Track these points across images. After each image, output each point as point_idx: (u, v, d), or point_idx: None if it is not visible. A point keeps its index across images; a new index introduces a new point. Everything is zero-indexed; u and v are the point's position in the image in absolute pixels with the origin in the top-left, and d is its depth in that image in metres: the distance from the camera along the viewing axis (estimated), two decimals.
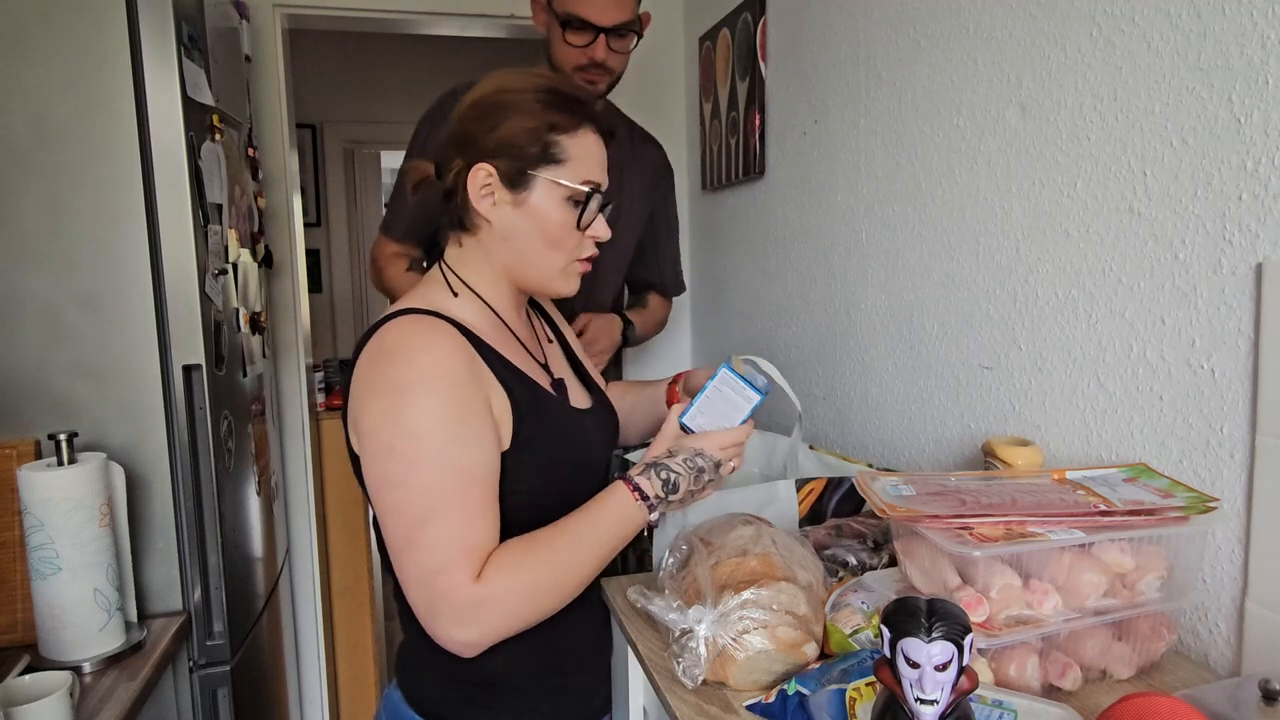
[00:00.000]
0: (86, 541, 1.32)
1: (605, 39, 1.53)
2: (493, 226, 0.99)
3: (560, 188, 0.97)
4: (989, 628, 0.81)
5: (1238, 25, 0.90)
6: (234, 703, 1.63)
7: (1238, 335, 0.92)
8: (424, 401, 0.89)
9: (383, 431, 0.90)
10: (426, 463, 0.88)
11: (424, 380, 0.90)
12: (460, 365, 0.93)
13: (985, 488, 0.93)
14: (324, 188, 4.24)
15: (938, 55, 1.38)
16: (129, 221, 1.49)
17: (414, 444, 0.89)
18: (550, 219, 0.98)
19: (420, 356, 0.91)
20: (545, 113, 0.97)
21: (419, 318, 0.95)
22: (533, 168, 0.97)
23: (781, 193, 1.95)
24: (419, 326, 0.94)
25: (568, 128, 0.97)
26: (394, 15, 2.46)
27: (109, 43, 1.46)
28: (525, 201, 0.98)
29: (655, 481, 0.96)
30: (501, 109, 0.97)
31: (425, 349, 0.92)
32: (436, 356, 0.92)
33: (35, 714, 1.09)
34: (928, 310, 1.44)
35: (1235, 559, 0.93)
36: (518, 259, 1.01)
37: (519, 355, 1.03)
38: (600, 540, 0.95)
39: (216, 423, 1.60)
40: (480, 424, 0.92)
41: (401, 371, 0.91)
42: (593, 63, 1.55)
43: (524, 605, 0.91)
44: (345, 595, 2.89)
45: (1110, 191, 1.07)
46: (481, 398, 0.94)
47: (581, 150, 0.98)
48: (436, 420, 0.89)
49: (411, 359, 0.91)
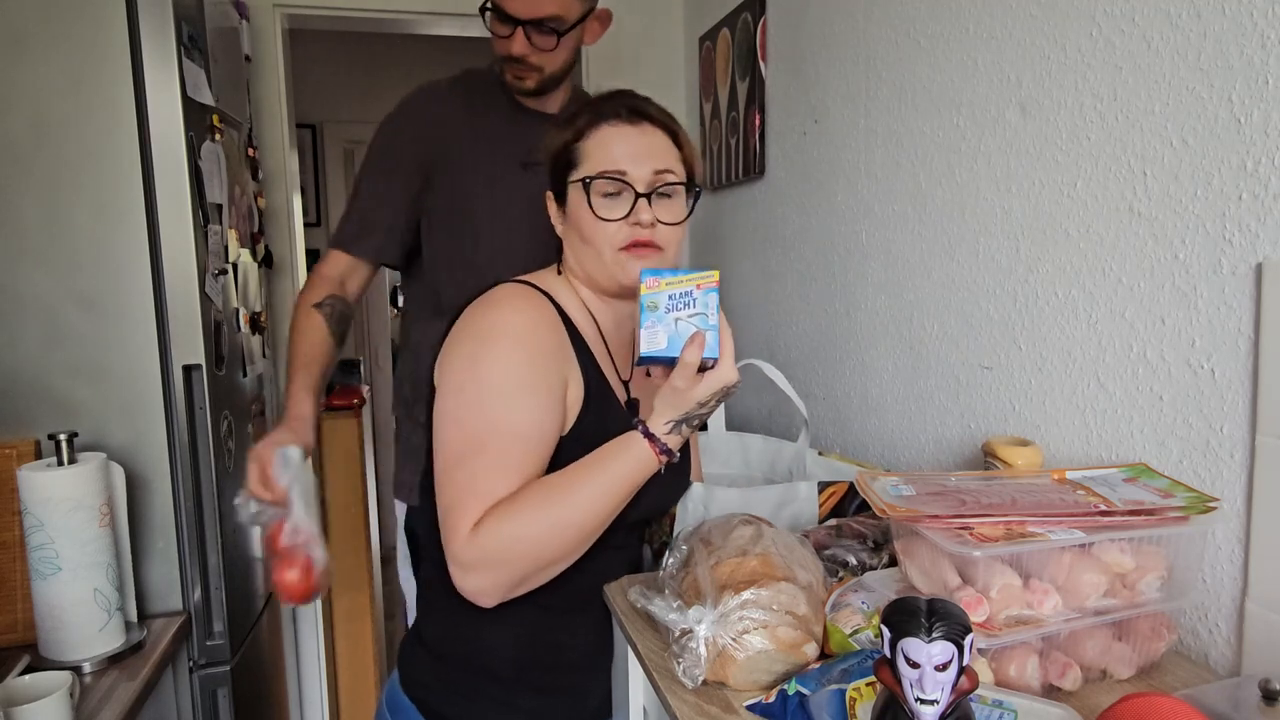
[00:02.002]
0: (86, 541, 1.32)
1: (523, 32, 1.41)
2: (564, 243, 1.08)
3: (580, 186, 1.02)
4: (989, 628, 0.81)
5: (1238, 25, 0.90)
6: (234, 703, 1.63)
7: (1238, 335, 0.92)
8: (503, 354, 0.95)
9: (459, 372, 0.97)
10: (485, 408, 0.93)
11: (510, 336, 0.97)
12: (546, 335, 0.98)
13: (985, 488, 0.93)
14: (324, 188, 4.24)
15: (938, 55, 1.38)
16: (129, 221, 1.49)
17: (480, 389, 0.94)
18: (580, 217, 1.03)
19: (513, 316, 0.99)
20: (566, 127, 1.04)
21: (523, 287, 1.03)
22: (563, 179, 1.04)
23: (781, 193, 1.95)
24: (520, 291, 1.02)
25: (581, 132, 1.03)
26: (394, 15, 2.46)
27: (109, 43, 1.46)
28: (568, 213, 1.05)
29: (680, 437, 0.94)
30: (547, 140, 1.07)
31: (520, 311, 0.99)
32: (528, 319, 0.98)
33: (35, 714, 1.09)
34: (928, 310, 1.44)
35: (1235, 559, 0.93)
36: (580, 266, 1.06)
37: (604, 359, 1.07)
38: (610, 493, 0.93)
39: (216, 423, 1.60)
40: (548, 394, 0.96)
41: (493, 323, 0.98)
42: (511, 56, 1.44)
43: (524, 555, 0.91)
44: (345, 595, 2.89)
45: (1110, 191, 1.07)
46: (558, 374, 0.98)
47: (595, 148, 1.02)
48: (509, 374, 0.94)
49: (505, 315, 0.99)
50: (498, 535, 0.90)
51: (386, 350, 4.76)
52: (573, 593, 1.03)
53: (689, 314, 0.91)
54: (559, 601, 1.02)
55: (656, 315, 0.92)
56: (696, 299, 0.91)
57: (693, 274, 0.92)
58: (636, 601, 0.94)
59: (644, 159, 1.01)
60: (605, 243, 1.01)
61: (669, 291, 0.92)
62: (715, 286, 0.92)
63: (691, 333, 0.90)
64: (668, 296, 0.92)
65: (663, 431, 0.93)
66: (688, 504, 1.23)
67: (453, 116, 1.54)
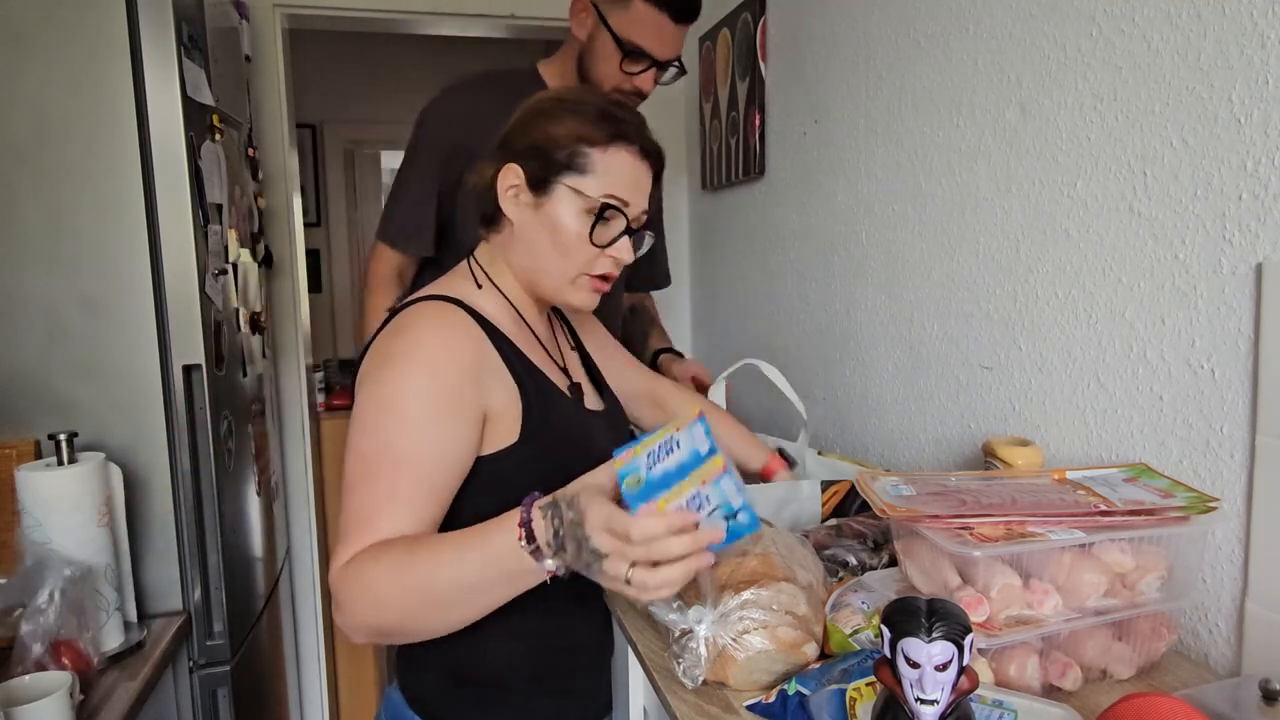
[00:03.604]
0: (85, 541, 1.32)
1: (655, 71, 1.53)
2: (513, 227, 1.00)
3: (580, 197, 0.97)
4: (989, 628, 0.81)
5: (1238, 25, 0.90)
6: (234, 703, 1.63)
7: (1238, 335, 0.92)
8: (405, 378, 0.91)
9: (363, 396, 0.92)
10: (381, 435, 0.89)
11: (414, 358, 0.92)
12: (461, 355, 0.93)
13: (985, 488, 0.93)
14: (324, 188, 4.24)
15: (938, 55, 1.38)
16: (129, 221, 1.49)
17: (377, 413, 0.90)
18: (564, 226, 0.98)
19: (421, 336, 0.93)
20: (581, 124, 0.97)
21: (436, 303, 0.97)
22: (556, 174, 0.97)
23: (781, 193, 1.95)
24: (432, 310, 0.96)
25: (599, 141, 0.97)
26: (394, 15, 2.46)
27: (109, 43, 1.46)
28: (544, 206, 0.98)
29: (548, 526, 0.78)
30: (543, 115, 0.99)
31: (430, 329, 0.94)
32: (438, 341, 0.93)
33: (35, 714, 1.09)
34: (928, 310, 1.44)
35: (1235, 559, 0.93)
36: (531, 262, 1.01)
37: (537, 354, 1.04)
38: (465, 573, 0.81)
39: (216, 423, 1.60)
40: (456, 421, 0.91)
41: (400, 345, 0.93)
42: (636, 89, 1.53)
43: (379, 620, 0.85)
44: None
45: (1110, 191, 1.07)
46: (474, 396, 0.93)
47: (610, 166, 0.97)
48: (409, 400, 0.90)
49: (414, 337, 0.93)
50: (357, 583, 0.83)
51: None
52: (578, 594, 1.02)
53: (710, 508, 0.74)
54: (563, 604, 1.02)
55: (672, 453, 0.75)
56: (708, 495, 0.74)
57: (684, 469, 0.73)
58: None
59: (641, 198, 1.00)
60: (581, 263, 0.99)
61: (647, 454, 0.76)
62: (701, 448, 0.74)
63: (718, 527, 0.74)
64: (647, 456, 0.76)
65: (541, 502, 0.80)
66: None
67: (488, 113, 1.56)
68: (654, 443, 0.78)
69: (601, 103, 1.00)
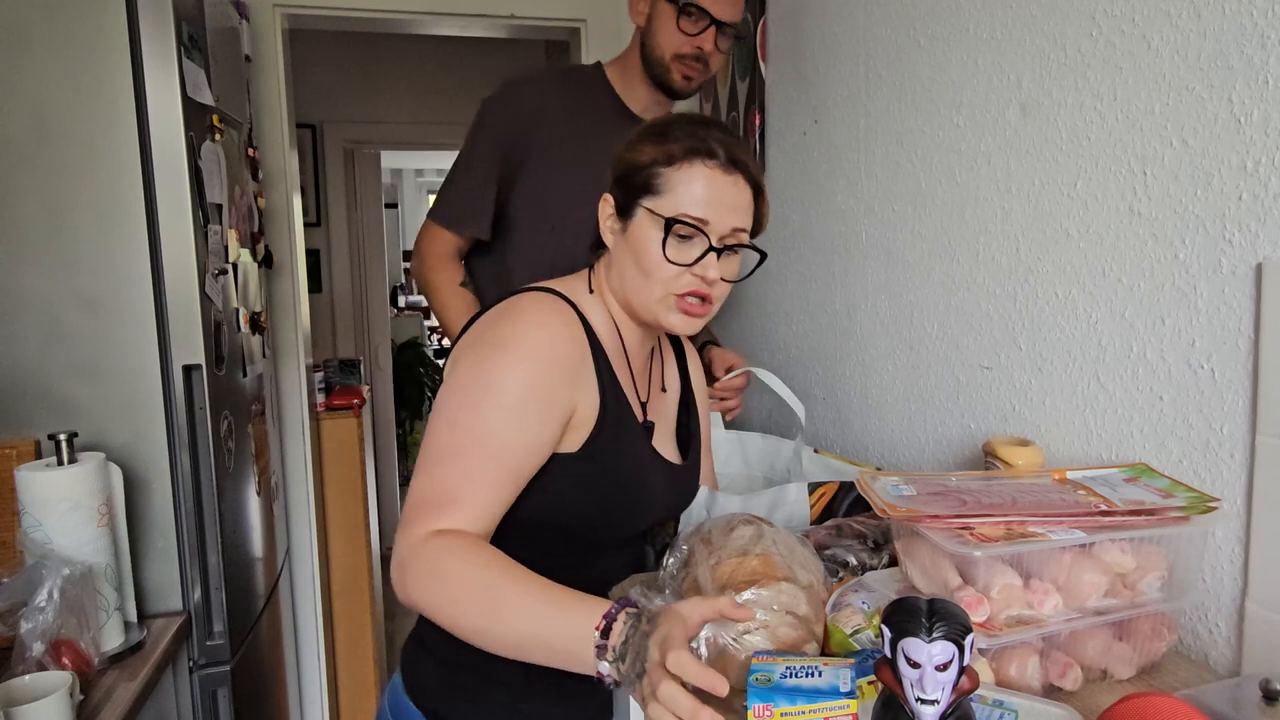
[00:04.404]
0: (85, 541, 1.32)
1: (715, 32, 1.55)
2: (611, 254, 1.04)
3: (655, 217, 0.97)
4: (990, 628, 0.81)
5: (1238, 25, 0.90)
6: (234, 703, 1.63)
7: (1238, 335, 0.92)
8: (511, 365, 0.93)
9: (464, 374, 0.95)
10: (478, 414, 0.92)
11: (522, 347, 0.94)
12: (563, 351, 0.96)
13: (985, 488, 0.93)
14: (324, 188, 4.24)
15: (938, 55, 1.38)
16: (129, 221, 1.49)
17: (479, 394, 0.93)
18: (643, 247, 0.99)
19: (531, 329, 0.96)
20: (656, 145, 0.99)
21: (550, 296, 1.00)
22: (636, 198, 0.99)
23: (781, 193, 1.95)
24: (545, 303, 0.99)
25: (674, 159, 0.97)
26: (394, 15, 2.46)
27: (109, 43, 1.46)
28: (629, 230, 1.01)
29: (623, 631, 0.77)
30: (630, 144, 1.02)
31: (539, 324, 0.97)
32: (546, 334, 0.96)
33: (35, 714, 1.09)
34: (928, 310, 1.44)
35: (1235, 559, 0.93)
36: (622, 285, 1.03)
37: (625, 376, 1.06)
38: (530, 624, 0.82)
39: (216, 423, 1.60)
40: (548, 414, 0.95)
41: (509, 332, 0.96)
42: (697, 52, 1.56)
43: (433, 606, 0.87)
44: (345, 595, 2.89)
45: (1110, 191, 1.07)
46: (567, 394, 0.96)
47: (683, 183, 0.97)
48: (511, 386, 0.93)
49: (522, 326, 0.96)
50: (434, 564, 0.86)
51: (386, 350, 4.76)
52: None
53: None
54: None
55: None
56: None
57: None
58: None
59: (728, 213, 0.98)
60: (663, 283, 0.99)
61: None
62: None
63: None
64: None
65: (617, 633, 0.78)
66: (691, 509, 1.23)
67: (550, 107, 1.62)
68: (798, 661, 0.77)
69: (679, 121, 1.00)
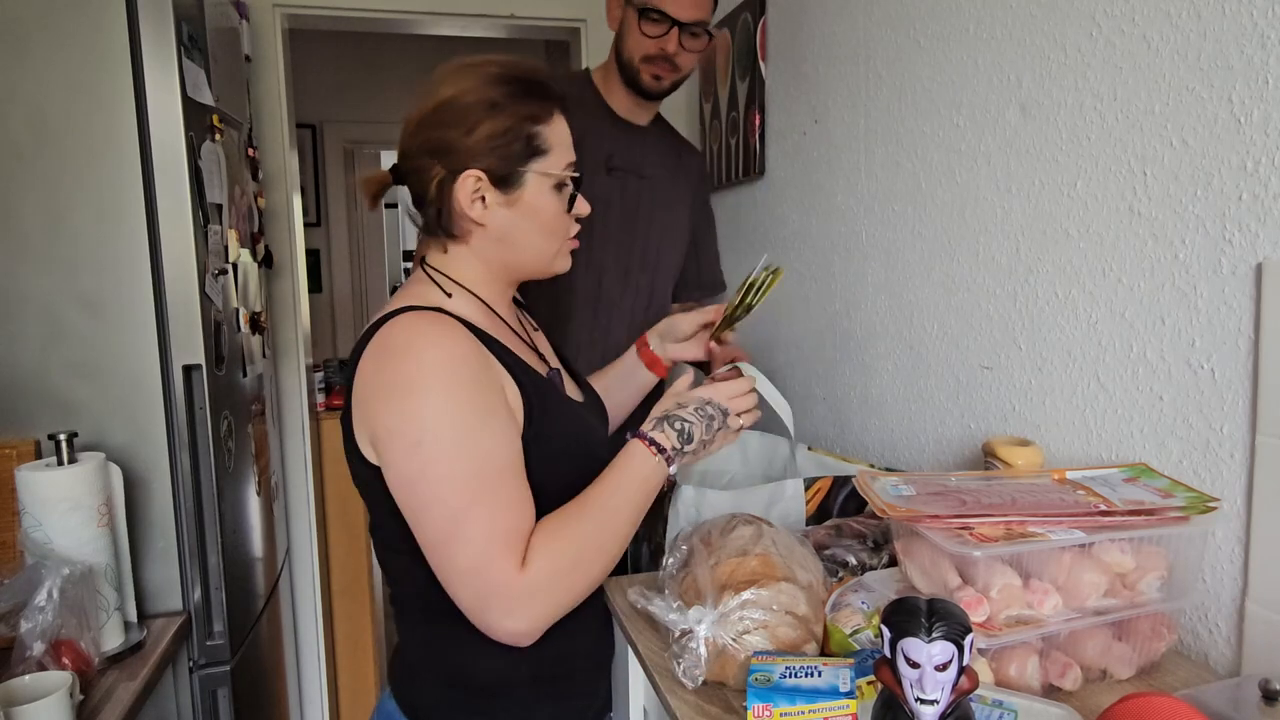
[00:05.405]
0: (85, 541, 1.32)
1: (679, 34, 1.58)
2: (487, 229, 0.99)
3: (549, 177, 0.99)
4: (989, 628, 0.81)
5: (1238, 25, 0.90)
6: (234, 703, 1.63)
7: (1238, 335, 0.92)
8: (441, 396, 0.89)
9: (407, 429, 0.88)
10: (455, 456, 0.88)
11: (437, 375, 0.90)
12: (469, 359, 0.92)
13: (985, 488, 0.93)
14: (324, 188, 4.24)
15: (938, 55, 1.38)
16: (129, 222, 1.49)
17: (439, 438, 0.88)
18: (546, 210, 1.00)
19: (429, 353, 0.91)
20: (519, 105, 0.96)
21: (422, 314, 0.94)
22: (522, 164, 0.97)
23: (781, 193, 1.95)
24: (422, 323, 0.93)
25: (543, 116, 0.98)
26: (394, 15, 2.46)
27: (109, 43, 1.46)
28: (519, 199, 0.98)
29: (670, 433, 0.96)
30: (473, 110, 0.95)
31: (433, 345, 0.91)
32: (445, 352, 0.91)
33: (35, 714, 1.09)
34: (928, 310, 1.44)
35: (1235, 559, 0.93)
36: (515, 255, 1.02)
37: (518, 346, 1.04)
38: (628, 502, 0.95)
39: (216, 423, 1.60)
40: (498, 414, 0.93)
41: (413, 368, 0.90)
42: (663, 54, 1.60)
43: (573, 581, 0.91)
44: (345, 595, 2.89)
45: (1110, 191, 1.07)
46: (496, 388, 0.94)
47: (559, 135, 1.00)
48: (457, 413, 0.89)
49: (421, 356, 0.91)
50: (552, 564, 0.89)
51: None
52: None
53: None
54: None
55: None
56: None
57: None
58: (636, 602, 0.94)
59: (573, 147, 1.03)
60: (562, 237, 1.03)
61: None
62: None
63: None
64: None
65: (649, 427, 0.97)
66: (679, 507, 1.22)
67: None
68: (798, 661, 0.80)
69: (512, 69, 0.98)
